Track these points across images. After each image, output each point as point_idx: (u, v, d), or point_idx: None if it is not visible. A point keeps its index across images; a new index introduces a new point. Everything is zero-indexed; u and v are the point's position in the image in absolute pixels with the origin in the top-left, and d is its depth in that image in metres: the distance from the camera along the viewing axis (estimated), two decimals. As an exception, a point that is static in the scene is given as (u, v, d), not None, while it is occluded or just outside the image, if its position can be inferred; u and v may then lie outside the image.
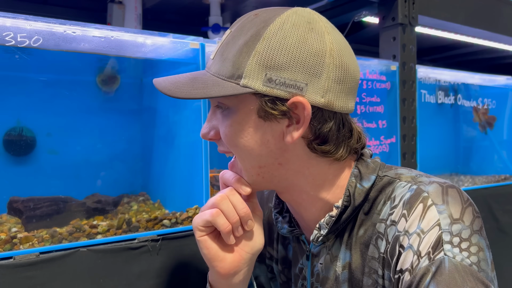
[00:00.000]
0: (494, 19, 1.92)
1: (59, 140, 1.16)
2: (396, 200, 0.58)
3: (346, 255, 0.62)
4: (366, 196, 0.61)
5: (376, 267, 0.58)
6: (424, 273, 0.51)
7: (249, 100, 0.59)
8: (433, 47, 2.56)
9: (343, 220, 0.61)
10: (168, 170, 1.24)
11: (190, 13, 1.81)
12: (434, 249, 0.52)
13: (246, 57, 0.57)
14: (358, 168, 0.63)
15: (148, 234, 0.97)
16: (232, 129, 0.60)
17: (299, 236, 0.69)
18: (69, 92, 1.15)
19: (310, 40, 0.57)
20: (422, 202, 0.55)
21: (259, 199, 0.81)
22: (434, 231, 0.53)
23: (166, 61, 1.13)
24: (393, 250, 0.56)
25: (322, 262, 0.65)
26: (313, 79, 0.57)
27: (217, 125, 0.63)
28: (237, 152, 0.61)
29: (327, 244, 0.65)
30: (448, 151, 2.08)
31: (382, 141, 1.48)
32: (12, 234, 0.85)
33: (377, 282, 0.59)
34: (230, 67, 0.58)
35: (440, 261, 0.51)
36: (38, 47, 0.85)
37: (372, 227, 0.60)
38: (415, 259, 0.52)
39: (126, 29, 0.99)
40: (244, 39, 0.58)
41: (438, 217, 0.53)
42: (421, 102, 1.64)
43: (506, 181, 1.89)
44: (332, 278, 0.63)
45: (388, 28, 1.53)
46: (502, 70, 2.95)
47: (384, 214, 0.59)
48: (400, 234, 0.55)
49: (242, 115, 0.59)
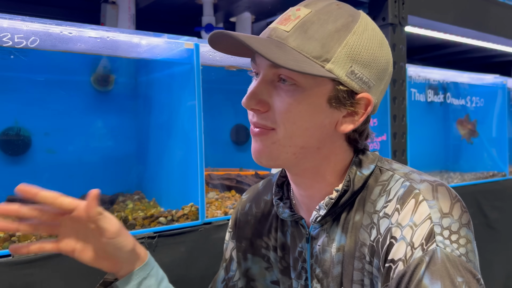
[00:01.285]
0: (483, 19, 1.96)
1: (55, 140, 1.17)
2: (391, 194, 0.62)
3: (341, 238, 0.65)
4: (364, 183, 0.65)
5: (366, 253, 0.62)
6: (418, 263, 0.54)
7: (325, 84, 0.61)
8: (423, 47, 2.60)
9: (341, 203, 0.65)
10: (163, 169, 1.26)
11: (183, 13, 1.82)
12: (427, 241, 0.55)
13: (337, 44, 0.59)
14: (359, 157, 0.67)
15: (145, 232, 0.98)
16: (300, 107, 0.60)
17: (298, 221, 0.72)
18: (65, 92, 1.16)
19: (385, 47, 0.64)
20: (414, 197, 0.59)
21: (253, 195, 0.83)
22: (426, 224, 0.56)
23: (161, 61, 1.14)
24: (384, 241, 0.59)
25: (320, 244, 0.68)
26: (378, 82, 0.63)
27: (267, 97, 0.62)
28: (290, 129, 0.61)
29: (325, 227, 0.68)
30: (438, 149, 2.11)
31: (373, 139, 1.50)
32: (11, 232, 0.86)
33: (365, 267, 0.62)
34: (319, 48, 0.59)
35: (433, 252, 0.54)
36: (35, 47, 0.86)
37: (366, 215, 0.63)
38: (408, 250, 0.55)
39: (121, 29, 1.00)
40: (334, 25, 0.60)
41: (429, 211, 0.57)
42: (411, 101, 1.68)
43: (494, 177, 1.93)
44: (329, 259, 0.66)
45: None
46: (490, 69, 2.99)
47: (379, 206, 0.62)
48: (392, 227, 0.58)
49: (314, 97, 0.61)
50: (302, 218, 0.71)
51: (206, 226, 1.08)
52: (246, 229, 0.81)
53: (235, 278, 0.82)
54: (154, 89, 1.28)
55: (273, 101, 0.61)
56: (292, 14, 0.62)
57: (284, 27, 0.61)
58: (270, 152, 0.63)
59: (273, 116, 0.61)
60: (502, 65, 3.13)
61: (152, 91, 1.28)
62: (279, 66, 0.58)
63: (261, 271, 0.81)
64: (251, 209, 0.81)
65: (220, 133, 1.56)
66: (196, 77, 1.07)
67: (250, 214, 0.81)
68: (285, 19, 0.62)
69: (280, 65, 0.56)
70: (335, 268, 0.65)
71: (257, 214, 0.80)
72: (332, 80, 0.60)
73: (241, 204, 0.84)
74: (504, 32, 2.07)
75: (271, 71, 0.61)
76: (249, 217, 0.81)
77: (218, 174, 1.38)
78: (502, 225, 1.86)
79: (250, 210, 0.81)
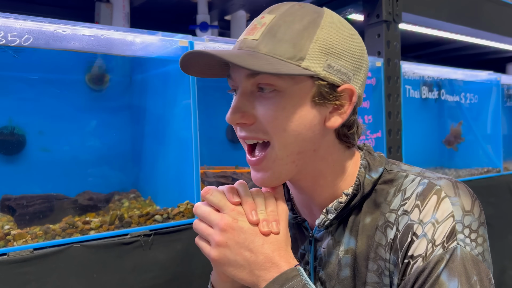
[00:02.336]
0: (476, 16, 1.97)
1: (50, 139, 1.16)
2: (407, 193, 0.62)
3: (350, 241, 0.65)
4: (373, 186, 0.65)
5: (383, 253, 0.61)
6: (438, 260, 0.55)
7: (305, 84, 0.60)
8: (418, 44, 2.61)
9: (351, 206, 0.65)
10: (159, 168, 1.26)
11: (178, 12, 1.82)
12: (448, 239, 0.56)
13: (308, 41, 0.60)
14: (367, 160, 0.67)
15: (141, 230, 0.98)
16: (285, 112, 0.59)
17: (301, 223, 0.72)
18: (59, 90, 1.15)
19: (356, 36, 0.64)
20: (436, 194, 0.59)
21: None
22: (448, 221, 0.57)
23: (155, 59, 1.14)
24: (403, 237, 0.59)
25: (325, 247, 0.68)
26: (357, 71, 0.63)
27: (251, 108, 0.61)
28: (282, 137, 0.60)
29: (330, 230, 0.67)
30: (433, 145, 2.12)
31: (368, 135, 1.51)
32: (6, 231, 0.86)
33: (382, 267, 0.61)
34: (291, 49, 0.59)
35: (453, 250, 0.55)
36: (28, 46, 0.86)
37: (381, 216, 0.63)
38: (429, 247, 0.56)
39: (115, 27, 1.00)
40: (301, 24, 0.60)
41: (452, 209, 0.57)
42: (406, 97, 1.68)
43: (488, 173, 1.94)
44: (335, 262, 0.66)
45: (373, 25, 1.56)
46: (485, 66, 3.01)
47: (395, 205, 0.62)
48: (413, 223, 0.58)
49: (297, 99, 0.60)
50: (305, 221, 0.71)
51: (202, 224, 1.08)
52: None
53: None
54: (149, 87, 1.27)
55: (257, 112, 0.61)
56: (257, 23, 0.62)
57: (252, 36, 0.61)
58: (273, 173, 0.63)
59: (261, 126, 0.61)
60: (496, 62, 3.15)
61: (147, 89, 1.28)
62: (255, 74, 0.58)
63: None
64: None
65: (215, 132, 1.56)
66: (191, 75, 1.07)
67: None
68: (251, 29, 0.62)
69: (256, 70, 0.55)
70: (343, 271, 0.65)
71: None
72: (311, 77, 0.60)
73: None
74: (498, 29, 2.08)
75: (249, 82, 0.61)
76: None
77: (214, 172, 1.38)
78: (497, 221, 1.87)
79: None
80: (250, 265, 0.59)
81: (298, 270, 0.59)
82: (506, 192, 1.95)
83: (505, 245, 1.93)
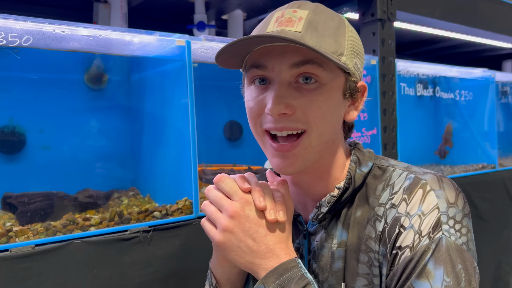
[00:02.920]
0: (471, 14, 1.99)
1: (50, 138, 1.18)
2: (395, 187, 0.65)
3: (342, 234, 0.67)
4: (364, 180, 0.68)
5: (373, 246, 0.64)
6: (425, 250, 0.57)
7: (341, 78, 0.64)
8: (413, 42, 2.63)
9: (343, 200, 0.67)
10: (158, 165, 1.28)
11: (175, 11, 1.84)
12: (434, 229, 0.58)
13: (343, 39, 0.63)
14: (357, 155, 0.70)
15: (140, 226, 1.00)
16: (328, 104, 0.62)
17: (295, 218, 0.73)
18: (59, 90, 1.17)
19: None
20: (421, 188, 0.62)
21: None
22: (434, 213, 0.59)
23: (153, 58, 1.16)
24: (391, 229, 0.61)
25: (318, 240, 0.70)
26: (362, 71, 0.69)
27: (291, 99, 0.61)
28: (321, 127, 0.62)
29: (323, 223, 0.70)
30: (428, 142, 2.14)
31: (363, 132, 1.53)
32: (8, 228, 0.88)
33: (372, 258, 0.64)
34: (334, 44, 0.61)
35: (439, 240, 0.58)
36: (28, 46, 0.88)
37: (370, 209, 0.66)
38: (416, 238, 0.58)
39: (113, 27, 1.02)
40: (334, 22, 0.63)
41: (437, 201, 0.60)
42: (401, 95, 1.70)
43: (484, 169, 1.96)
44: (327, 255, 0.68)
45: (368, 23, 1.58)
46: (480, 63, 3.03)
47: (383, 199, 0.65)
48: (401, 216, 0.61)
49: (334, 91, 0.64)
50: (299, 215, 0.73)
51: (200, 220, 1.10)
52: None
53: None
54: (147, 86, 1.29)
55: (299, 102, 0.61)
56: (292, 16, 0.62)
57: (294, 28, 0.61)
58: (303, 160, 0.64)
59: (302, 116, 0.62)
60: (491, 59, 3.17)
61: (145, 88, 1.30)
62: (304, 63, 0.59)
63: None
64: None
65: (213, 130, 1.58)
66: (188, 74, 1.09)
67: None
68: (287, 21, 0.62)
69: (333, 60, 0.58)
70: (336, 263, 0.67)
71: None
72: (344, 72, 0.64)
73: None
74: (493, 26, 2.10)
75: (291, 72, 0.61)
76: None
77: (211, 169, 1.40)
78: (492, 216, 1.89)
79: None
80: (252, 253, 0.62)
81: (297, 261, 0.61)
82: (501, 188, 1.97)
83: (500, 241, 1.95)
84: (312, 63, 0.60)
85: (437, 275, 0.56)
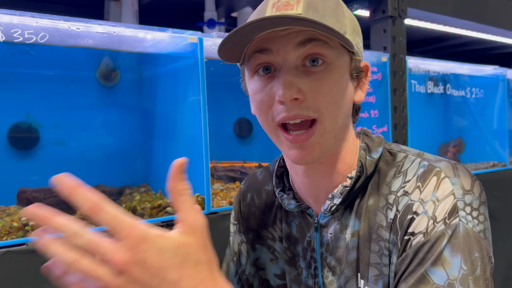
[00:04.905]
0: (481, 11, 1.98)
1: (63, 134, 1.19)
2: (408, 175, 0.62)
3: (355, 223, 0.65)
4: (375, 166, 0.65)
5: (383, 234, 0.61)
6: (440, 236, 0.54)
7: (346, 57, 0.61)
8: (424, 39, 2.62)
9: (355, 189, 0.64)
10: (169, 162, 1.28)
11: (185, 9, 1.85)
12: (450, 215, 0.56)
13: (343, 18, 0.61)
14: (365, 142, 0.67)
15: (153, 221, 1.01)
16: (338, 85, 0.59)
17: (305, 210, 0.71)
18: (73, 86, 1.18)
19: None
20: (436, 175, 0.59)
21: (253, 185, 0.82)
22: (449, 199, 0.57)
23: (165, 55, 1.17)
24: (403, 216, 0.59)
25: (331, 232, 0.68)
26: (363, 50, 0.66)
27: (301, 84, 0.58)
28: (333, 111, 0.59)
29: (336, 215, 0.67)
30: (439, 139, 2.14)
31: (374, 130, 1.53)
32: (24, 222, 0.89)
33: (382, 247, 0.62)
34: (336, 23, 0.59)
35: (456, 226, 0.55)
36: (44, 43, 0.89)
37: (382, 197, 0.63)
38: (430, 223, 0.55)
39: (127, 24, 1.03)
40: (331, 2, 0.61)
41: (452, 188, 0.57)
42: (412, 92, 1.70)
43: (494, 167, 1.95)
44: (343, 246, 0.66)
45: (379, 20, 1.58)
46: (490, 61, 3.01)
47: (395, 187, 0.62)
48: (413, 202, 0.58)
49: (342, 71, 0.61)
50: (309, 207, 0.71)
51: (212, 216, 1.11)
52: (251, 221, 0.80)
53: (246, 271, 0.82)
54: (159, 83, 1.30)
55: (308, 87, 0.58)
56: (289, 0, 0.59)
57: (294, 11, 0.58)
58: (321, 147, 0.60)
59: (313, 104, 0.58)
60: (501, 56, 3.15)
61: (157, 85, 1.31)
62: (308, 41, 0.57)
63: (268, 260, 0.82)
64: (253, 200, 0.81)
65: (223, 127, 1.58)
66: (200, 71, 1.09)
67: (253, 205, 0.80)
68: (285, 5, 0.59)
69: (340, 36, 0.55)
70: (350, 254, 0.65)
71: (260, 205, 0.80)
72: (348, 51, 0.61)
73: (242, 195, 0.83)
74: (504, 23, 2.09)
75: (296, 53, 0.58)
76: (253, 209, 0.80)
77: (222, 166, 1.41)
78: (502, 215, 1.88)
79: (253, 201, 0.81)
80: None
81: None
82: (511, 186, 1.96)
83: (510, 238, 1.94)
84: (318, 40, 0.57)
85: (454, 263, 0.53)
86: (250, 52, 0.61)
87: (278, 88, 0.58)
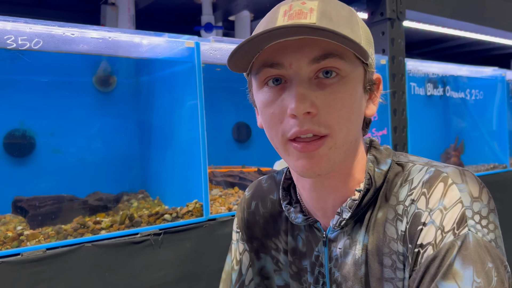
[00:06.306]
0: (480, 12, 1.97)
1: (59, 141, 1.18)
2: (414, 183, 0.60)
3: (365, 238, 0.63)
4: (384, 178, 0.63)
5: (395, 247, 0.59)
6: (449, 247, 0.52)
7: (360, 70, 0.59)
8: (422, 41, 2.61)
9: (364, 203, 0.62)
10: (167, 168, 1.27)
11: (182, 13, 1.84)
12: (458, 225, 0.53)
13: (358, 29, 0.58)
14: (373, 154, 0.65)
15: (151, 229, 0.99)
16: (351, 100, 0.57)
17: (313, 224, 0.69)
18: (68, 92, 1.17)
19: None
20: (442, 181, 0.57)
21: (257, 193, 0.80)
22: (457, 207, 0.54)
23: (162, 60, 1.16)
24: (412, 227, 0.57)
25: (341, 247, 0.66)
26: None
27: (313, 97, 0.55)
28: (345, 127, 0.57)
29: (345, 229, 0.65)
30: (439, 142, 2.12)
31: (374, 133, 1.52)
32: (19, 232, 0.88)
33: (395, 261, 0.59)
34: (351, 33, 0.56)
35: (465, 236, 0.52)
36: (38, 49, 0.87)
37: (391, 208, 0.61)
38: (438, 234, 0.53)
39: (122, 29, 1.01)
40: (345, 11, 0.59)
41: (459, 195, 0.55)
42: (411, 95, 1.69)
43: (495, 169, 1.94)
44: (351, 262, 0.64)
45: (377, 23, 1.57)
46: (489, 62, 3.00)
47: (402, 196, 0.60)
48: (421, 211, 0.56)
49: (356, 84, 0.58)
50: (317, 221, 0.69)
51: (211, 222, 1.09)
52: (256, 229, 0.78)
53: (246, 281, 0.80)
54: (155, 88, 1.29)
55: (321, 101, 0.56)
56: (302, 8, 0.57)
57: (307, 20, 0.55)
58: (328, 160, 0.58)
59: (325, 120, 0.56)
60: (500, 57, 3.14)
61: (154, 91, 1.29)
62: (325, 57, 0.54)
63: (272, 271, 0.80)
64: (257, 208, 0.79)
65: (222, 132, 1.57)
66: (197, 75, 1.08)
67: (257, 214, 0.78)
68: (297, 13, 0.56)
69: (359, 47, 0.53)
70: (360, 269, 0.63)
71: (265, 214, 0.78)
72: (362, 63, 0.59)
73: (246, 202, 0.81)
74: (502, 24, 2.08)
75: (311, 67, 0.56)
76: (257, 217, 0.78)
77: (221, 171, 1.39)
78: (503, 216, 1.87)
79: (257, 210, 0.79)
80: None
81: None
82: (512, 188, 1.95)
83: (511, 240, 1.93)
84: (333, 56, 0.55)
85: (465, 276, 0.51)
86: (259, 63, 0.58)
87: (290, 101, 0.55)
